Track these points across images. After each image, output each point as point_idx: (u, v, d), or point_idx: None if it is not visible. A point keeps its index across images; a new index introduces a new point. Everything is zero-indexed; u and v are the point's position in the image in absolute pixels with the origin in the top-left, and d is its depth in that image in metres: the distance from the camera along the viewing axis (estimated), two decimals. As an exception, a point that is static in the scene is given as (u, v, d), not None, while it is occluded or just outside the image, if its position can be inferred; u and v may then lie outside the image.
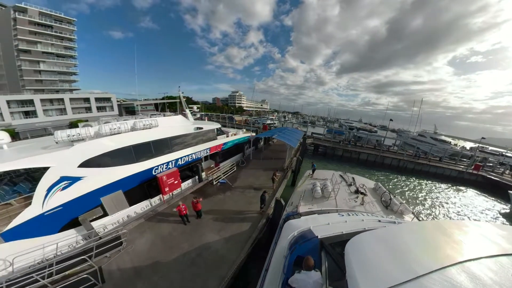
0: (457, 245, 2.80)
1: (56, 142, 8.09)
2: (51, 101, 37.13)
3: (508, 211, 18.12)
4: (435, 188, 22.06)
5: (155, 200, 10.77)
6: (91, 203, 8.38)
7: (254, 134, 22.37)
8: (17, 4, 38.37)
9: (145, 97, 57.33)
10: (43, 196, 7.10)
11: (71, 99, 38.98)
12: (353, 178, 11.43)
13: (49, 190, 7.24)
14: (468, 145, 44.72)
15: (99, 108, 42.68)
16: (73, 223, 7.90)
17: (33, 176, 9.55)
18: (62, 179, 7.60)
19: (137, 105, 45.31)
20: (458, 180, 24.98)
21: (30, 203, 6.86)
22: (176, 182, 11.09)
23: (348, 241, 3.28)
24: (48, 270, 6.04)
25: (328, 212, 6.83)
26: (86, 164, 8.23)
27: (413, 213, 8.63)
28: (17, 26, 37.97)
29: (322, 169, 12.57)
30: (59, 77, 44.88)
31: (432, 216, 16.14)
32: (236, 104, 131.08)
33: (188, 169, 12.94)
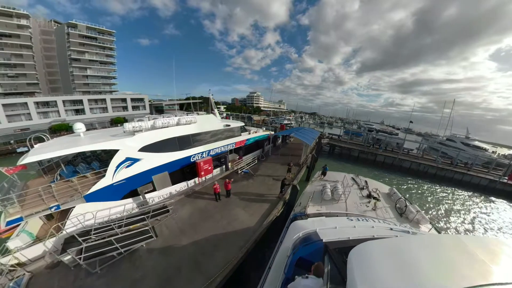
0: (479, 265, 2.40)
1: (124, 132, 10.50)
2: (95, 101, 43.02)
3: None
4: (460, 197, 20.70)
5: (191, 183, 12.99)
6: (146, 179, 10.66)
7: (273, 132, 24.00)
8: (70, 21, 45.28)
9: (169, 97, 62.41)
10: (113, 171, 9.35)
11: (111, 99, 44.65)
12: (366, 181, 10.87)
13: (117, 167, 9.49)
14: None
15: (133, 107, 48.11)
16: (131, 194, 10.18)
17: (100, 157, 12.29)
18: (127, 159, 9.88)
19: (165, 105, 50.04)
20: (489, 190, 22.89)
21: (103, 176, 9.03)
22: (209, 168, 13.34)
23: (353, 248, 3.10)
24: (119, 223, 8.26)
25: (337, 216, 6.69)
26: (144, 149, 10.52)
27: (431, 223, 7.93)
28: (70, 39, 44.93)
29: (334, 171, 12.63)
30: (102, 81, 51.66)
31: (453, 228, 15.06)
32: (254, 105, 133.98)
33: (217, 159, 15.04)
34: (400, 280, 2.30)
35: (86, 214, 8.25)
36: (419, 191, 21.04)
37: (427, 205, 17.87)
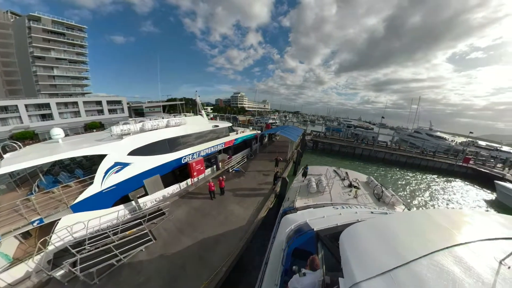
0: (443, 232, 2.93)
1: (111, 135, 10.22)
2: (65, 104, 39.46)
3: (493, 199, 19.89)
4: (426, 180, 23.76)
5: (183, 184, 13.00)
6: (137, 184, 10.47)
7: (259, 132, 24.72)
8: (31, 13, 40.80)
9: (148, 99, 59.43)
10: (101, 177, 9.03)
11: (84, 102, 41.32)
12: (346, 172, 11.63)
13: (106, 172, 9.19)
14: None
15: (110, 111, 45.06)
16: (123, 200, 9.91)
17: (82, 165, 11.74)
18: (116, 164, 9.62)
19: (146, 107, 47.82)
20: (449, 172, 26.83)
21: (89, 184, 8.66)
22: (201, 168, 13.48)
23: (342, 231, 3.40)
24: (114, 230, 8.10)
25: (323, 206, 7.03)
26: (133, 153, 10.35)
27: (404, 204, 8.83)
28: (32, 34, 40.21)
29: (318, 165, 13.35)
30: (72, 82, 47.36)
31: (422, 205, 17.50)
32: (238, 105, 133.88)
33: (208, 160, 15.20)
34: (384, 252, 2.67)
35: (75, 225, 7.80)
36: (393, 177, 23.53)
37: (400, 189, 20.16)
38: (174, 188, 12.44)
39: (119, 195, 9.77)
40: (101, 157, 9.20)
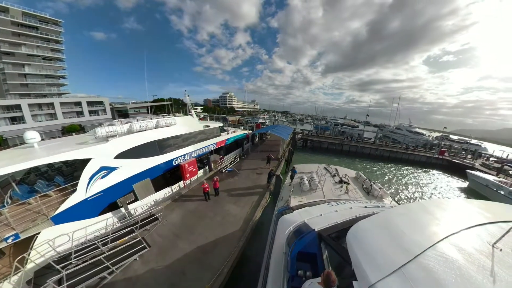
0: (439, 221, 3.05)
1: (95, 138, 9.61)
2: (39, 106, 36.30)
3: (465, 186, 22.03)
4: (407, 172, 25.59)
5: (175, 187, 12.58)
6: (125, 189, 9.92)
7: (250, 131, 24.77)
8: None
9: (132, 100, 56.77)
10: (86, 183, 8.37)
11: (61, 104, 38.32)
12: (336, 169, 11.86)
13: (91, 178, 8.55)
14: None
15: (91, 112, 42.29)
16: (110, 208, 9.29)
17: (62, 171, 10.94)
18: (102, 169, 9.00)
19: (130, 108, 45.58)
20: (427, 164, 29.19)
21: (73, 191, 7.98)
22: (194, 169, 13.16)
23: (348, 231, 3.39)
24: (104, 240, 7.58)
25: (318, 204, 7.08)
26: (121, 156, 9.78)
27: (391, 196, 9.27)
28: (-1, 27, 36.63)
29: (309, 163, 13.55)
30: (47, 81, 43.62)
31: (407, 196, 18.57)
32: (228, 105, 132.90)
33: (200, 161, 14.88)
34: (392, 248, 2.68)
35: (57, 238, 7.13)
36: (379, 171, 24.83)
37: (386, 182, 21.38)
38: (166, 192, 12.00)
39: (107, 202, 9.18)
40: (85, 161, 8.54)
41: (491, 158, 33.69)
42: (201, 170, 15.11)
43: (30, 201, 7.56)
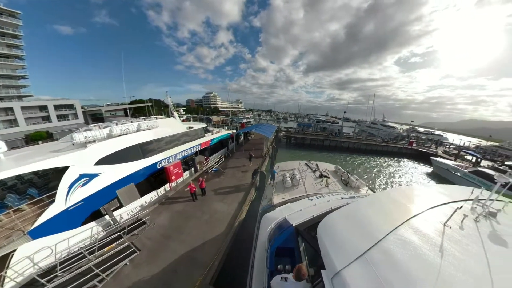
0: (401, 207, 3.31)
1: (73, 144, 9.16)
2: (-5, 111, 32.49)
3: (430, 171, 25.04)
4: (382, 162, 28.01)
5: (161, 191, 12.44)
6: (109, 196, 9.62)
7: (235, 131, 25.02)
8: None
9: (107, 102, 52.78)
10: (65, 193, 7.97)
11: (23, 108, 34.43)
12: (316, 164, 12.19)
13: (70, 187, 8.15)
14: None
15: (60, 117, 38.71)
16: (94, 216, 8.94)
17: (34, 183, 10.23)
18: (82, 176, 8.64)
19: (105, 111, 42.62)
20: (398, 154, 32.24)
21: (50, 203, 7.52)
22: (179, 171, 13.12)
23: (319, 224, 3.57)
24: (91, 248, 7.40)
25: (299, 199, 7.25)
26: (102, 162, 9.46)
27: (367, 185, 9.83)
28: None
29: (292, 160, 14.07)
30: (3, 82, 38.57)
31: (382, 184, 20.51)
32: (211, 105, 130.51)
33: (185, 163, 14.81)
34: (358, 236, 2.90)
35: (39, 253, 6.76)
36: (356, 164, 26.76)
37: (363, 173, 23.22)
38: (152, 196, 11.81)
39: (89, 210, 8.82)
40: (62, 170, 8.13)
41: (450, 146, 38.27)
42: (187, 172, 15.09)
43: (1, 217, 7.03)
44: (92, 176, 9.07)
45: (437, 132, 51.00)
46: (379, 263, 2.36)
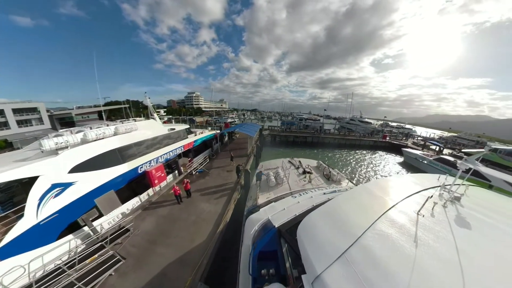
0: (378, 200, 3.32)
1: (42, 152, 8.44)
2: None
3: (401, 161, 27.57)
4: (360, 155, 30.04)
5: (144, 196, 11.97)
6: (87, 205, 8.99)
7: (218, 131, 24.91)
8: None
9: (77, 104, 48.47)
10: (36, 206, 7.30)
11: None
12: (299, 161, 12.38)
13: (41, 199, 7.47)
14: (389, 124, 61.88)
15: (20, 122, 34.71)
16: (72, 228, 8.32)
17: None
18: (54, 186, 7.94)
19: (76, 114, 39.07)
20: (374, 147, 34.86)
21: (18, 218, 6.88)
22: (162, 175, 12.72)
23: (299, 225, 3.50)
24: (71, 261, 6.93)
25: (284, 197, 7.20)
26: (76, 169, 8.85)
27: (347, 178, 10.12)
28: None
29: (274, 159, 14.16)
30: None
31: (361, 175, 21.91)
32: (194, 105, 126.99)
33: (168, 166, 14.39)
34: (337, 235, 2.85)
35: (6, 275, 6.05)
36: (336, 158, 28.30)
37: (344, 166, 24.65)
38: (134, 202, 11.30)
39: (65, 223, 8.16)
40: (30, 181, 7.45)
41: (418, 138, 42.28)
42: (170, 175, 14.68)
43: None
44: (66, 186, 8.45)
45: (407, 126, 56.21)
46: (359, 261, 2.35)
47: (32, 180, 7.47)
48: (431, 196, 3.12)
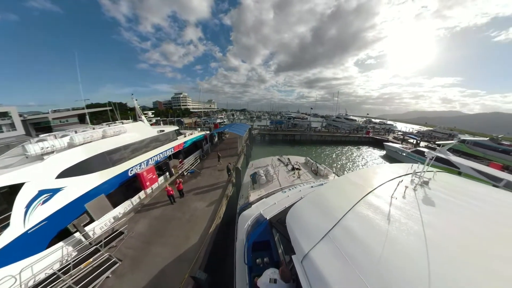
0: (358, 187, 3.64)
1: (26, 157, 8.15)
2: None
3: (383, 154, 29.45)
4: (346, 151, 31.63)
5: (135, 199, 11.85)
6: (77, 211, 8.74)
7: (208, 132, 24.96)
8: None
9: (53, 107, 44.94)
10: (22, 214, 7.05)
11: None
12: (288, 158, 12.81)
13: (28, 206, 7.21)
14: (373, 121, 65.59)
15: (-11, 129, 32.05)
16: (63, 234, 8.10)
17: None
18: (41, 192, 7.67)
19: (53, 118, 36.65)
20: (359, 142, 36.78)
21: (4, 227, 6.58)
22: (154, 176, 12.68)
23: (287, 214, 3.77)
24: (65, 266, 6.84)
25: (274, 193, 7.43)
26: (64, 174, 8.59)
27: (333, 172, 10.59)
28: None
29: (264, 157, 14.37)
30: None
31: (345, 169, 23.25)
32: (182, 106, 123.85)
33: (158, 168, 14.31)
34: (321, 218, 3.14)
35: None
36: (323, 154, 29.54)
37: (331, 161, 25.90)
38: (126, 206, 11.15)
39: (55, 230, 7.91)
40: (14, 189, 7.13)
41: (398, 133, 45.22)
42: (162, 177, 14.60)
43: None
44: (54, 191, 8.20)
45: (389, 122, 59.94)
46: (341, 239, 2.63)
47: (15, 188, 7.17)
48: (402, 181, 3.54)
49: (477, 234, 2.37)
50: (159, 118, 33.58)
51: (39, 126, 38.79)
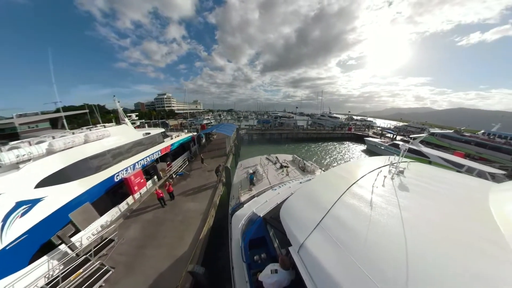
0: (343, 179, 3.93)
1: (0, 166, 7.55)
2: None
3: (364, 148, 31.40)
4: (329, 147, 33.18)
5: (123, 205, 11.44)
6: (60, 221, 8.26)
7: (195, 133, 24.63)
8: None
9: (17, 111, 40.63)
10: None
11: None
12: (276, 157, 13.14)
13: (4, 220, 6.67)
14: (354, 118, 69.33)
15: None
16: (48, 248, 7.63)
17: None
18: (19, 204, 7.15)
19: (20, 124, 33.25)
20: (341, 138, 38.75)
21: None
22: (142, 180, 12.32)
23: (280, 209, 3.99)
24: (54, 280, 6.51)
25: (265, 192, 7.56)
26: (44, 183, 8.10)
27: (320, 168, 11.06)
28: None
29: (252, 157, 14.54)
30: None
31: (331, 164, 24.42)
32: (166, 108, 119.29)
33: (146, 172, 13.90)
34: (313, 210, 3.38)
35: None
36: (310, 151, 30.72)
37: (317, 157, 26.93)
38: (113, 213, 10.72)
39: (38, 243, 7.38)
40: None
41: (377, 128, 48.30)
42: (150, 181, 14.21)
43: None
44: (33, 202, 7.65)
45: (369, 119, 63.85)
46: (332, 227, 2.88)
47: None
48: (381, 171, 3.99)
49: (446, 213, 2.71)
50: (143, 120, 32.29)
51: (3, 133, 35.01)
